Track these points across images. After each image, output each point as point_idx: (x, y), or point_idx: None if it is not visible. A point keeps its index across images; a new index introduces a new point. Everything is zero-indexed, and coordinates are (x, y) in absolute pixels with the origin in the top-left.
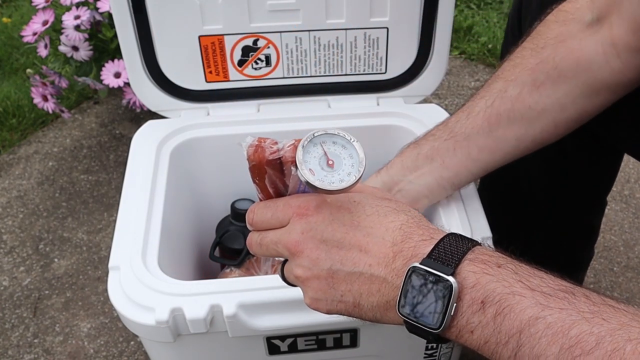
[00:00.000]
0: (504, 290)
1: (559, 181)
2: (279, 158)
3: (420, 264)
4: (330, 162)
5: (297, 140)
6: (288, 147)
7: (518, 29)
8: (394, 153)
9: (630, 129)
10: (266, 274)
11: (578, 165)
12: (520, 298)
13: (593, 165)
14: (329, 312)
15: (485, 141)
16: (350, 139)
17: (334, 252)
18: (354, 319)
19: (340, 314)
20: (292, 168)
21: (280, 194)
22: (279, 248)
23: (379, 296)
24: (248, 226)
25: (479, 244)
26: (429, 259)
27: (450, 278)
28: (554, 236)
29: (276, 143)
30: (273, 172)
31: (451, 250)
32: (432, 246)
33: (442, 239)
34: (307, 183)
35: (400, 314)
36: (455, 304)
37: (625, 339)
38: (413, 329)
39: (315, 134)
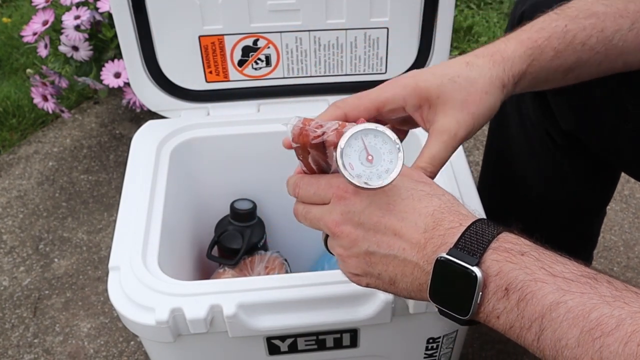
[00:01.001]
0: (526, 277)
1: (557, 196)
2: (323, 142)
3: (447, 254)
4: (369, 158)
5: (341, 124)
6: (331, 132)
7: None
8: None
9: (633, 152)
10: (259, 274)
11: (576, 182)
12: (542, 284)
13: (591, 182)
14: (367, 286)
15: (636, 59)
16: (392, 137)
17: (370, 235)
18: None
19: (378, 289)
20: (334, 152)
21: (322, 170)
22: (321, 225)
23: (412, 278)
24: (292, 195)
25: (505, 231)
26: (456, 249)
27: (475, 269)
28: (551, 244)
29: (321, 126)
30: (316, 153)
31: (477, 239)
32: (459, 235)
33: (468, 227)
34: (348, 182)
35: (431, 300)
36: (480, 293)
37: None
38: (443, 313)
39: (358, 129)
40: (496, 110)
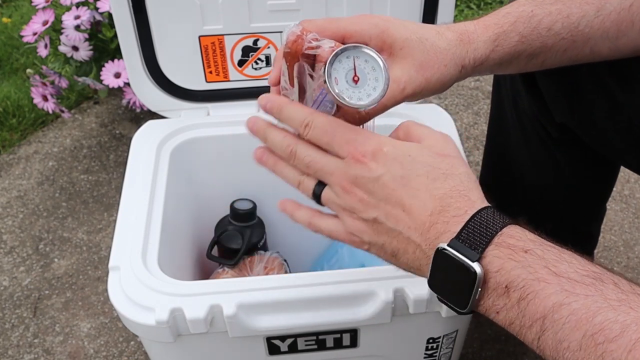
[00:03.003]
0: (528, 277)
1: (554, 190)
2: (314, 55)
3: (449, 245)
4: (355, 78)
5: (337, 45)
6: (327, 48)
7: None
8: None
9: (626, 143)
10: (258, 275)
11: (572, 175)
12: (545, 284)
13: (588, 176)
14: (367, 250)
15: (603, 47)
16: (382, 66)
17: (381, 205)
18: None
19: (377, 257)
20: (322, 68)
21: (301, 86)
22: (328, 178)
23: (414, 257)
24: (293, 128)
25: (510, 223)
26: (457, 240)
27: (476, 265)
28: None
29: (317, 40)
30: (303, 64)
31: (480, 231)
32: (462, 224)
33: (473, 217)
34: (329, 90)
35: (430, 288)
36: (480, 289)
37: None
38: (442, 301)
39: (351, 47)
40: (447, 87)
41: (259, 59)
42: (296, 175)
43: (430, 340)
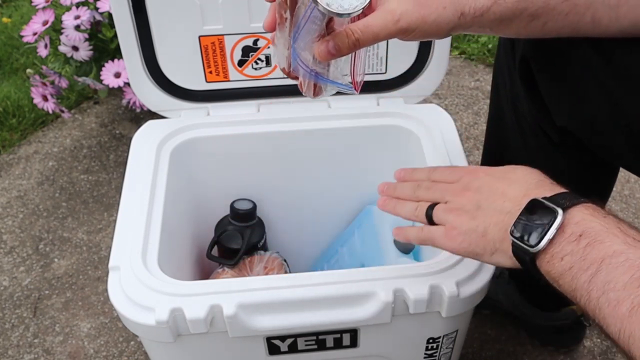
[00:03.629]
0: (601, 229)
1: None
2: None
3: (542, 198)
4: None
5: None
6: None
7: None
8: (394, 153)
9: (627, 145)
10: (258, 275)
11: (572, 178)
12: (613, 237)
13: (588, 178)
14: (459, 247)
15: (604, 15)
16: None
17: (484, 195)
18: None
19: (467, 251)
20: None
21: (293, 6)
22: (445, 194)
23: (501, 226)
24: (419, 180)
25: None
26: (548, 198)
27: (559, 209)
28: None
29: None
30: None
31: (569, 198)
32: (554, 193)
33: (564, 191)
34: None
35: (511, 235)
36: (555, 230)
37: None
38: (516, 250)
39: None
40: (443, 33)
41: (259, 59)
42: (412, 206)
43: (430, 340)
